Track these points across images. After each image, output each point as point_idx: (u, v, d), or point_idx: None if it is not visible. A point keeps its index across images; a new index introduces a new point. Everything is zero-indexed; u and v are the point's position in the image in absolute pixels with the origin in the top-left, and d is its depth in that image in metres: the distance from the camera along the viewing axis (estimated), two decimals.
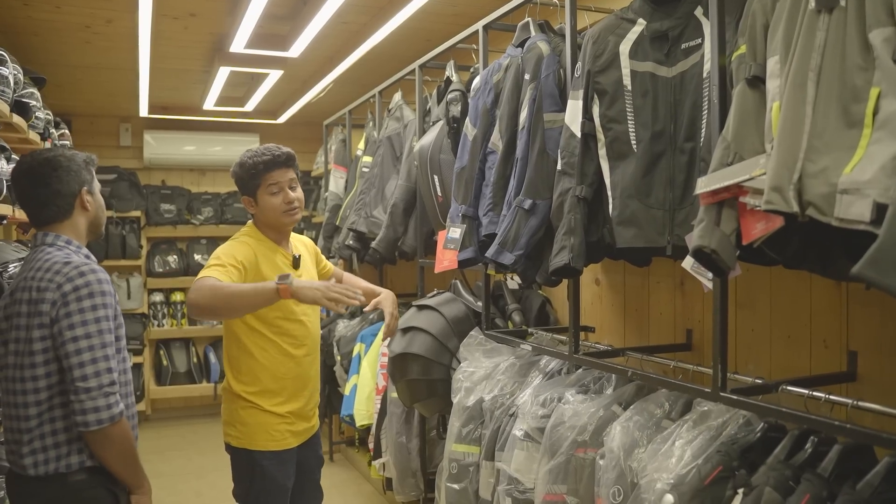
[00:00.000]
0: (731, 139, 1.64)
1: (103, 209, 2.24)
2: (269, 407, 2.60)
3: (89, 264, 2.00)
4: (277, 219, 2.64)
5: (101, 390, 1.93)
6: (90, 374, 1.92)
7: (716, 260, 1.63)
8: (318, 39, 4.05)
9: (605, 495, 2.06)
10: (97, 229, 2.22)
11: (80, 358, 1.92)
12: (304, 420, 2.72)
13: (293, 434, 2.67)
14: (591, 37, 2.27)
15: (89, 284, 1.95)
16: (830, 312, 2.06)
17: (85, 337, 1.93)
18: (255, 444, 2.60)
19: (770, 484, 1.67)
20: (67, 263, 1.97)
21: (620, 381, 2.45)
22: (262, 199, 2.62)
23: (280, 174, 2.62)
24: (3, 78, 2.82)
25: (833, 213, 1.34)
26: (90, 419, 1.92)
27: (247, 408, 2.60)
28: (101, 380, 1.93)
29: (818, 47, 1.44)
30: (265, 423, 2.60)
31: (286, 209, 2.62)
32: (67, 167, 2.09)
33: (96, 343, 1.94)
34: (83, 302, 1.93)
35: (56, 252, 2.03)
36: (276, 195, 2.61)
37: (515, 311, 3.22)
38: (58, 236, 2.08)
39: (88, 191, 2.14)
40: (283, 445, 2.63)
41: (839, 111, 1.40)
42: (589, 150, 2.27)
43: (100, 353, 1.94)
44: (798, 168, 1.41)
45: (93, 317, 1.94)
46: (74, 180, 2.10)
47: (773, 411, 1.75)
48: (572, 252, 2.22)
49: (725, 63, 1.84)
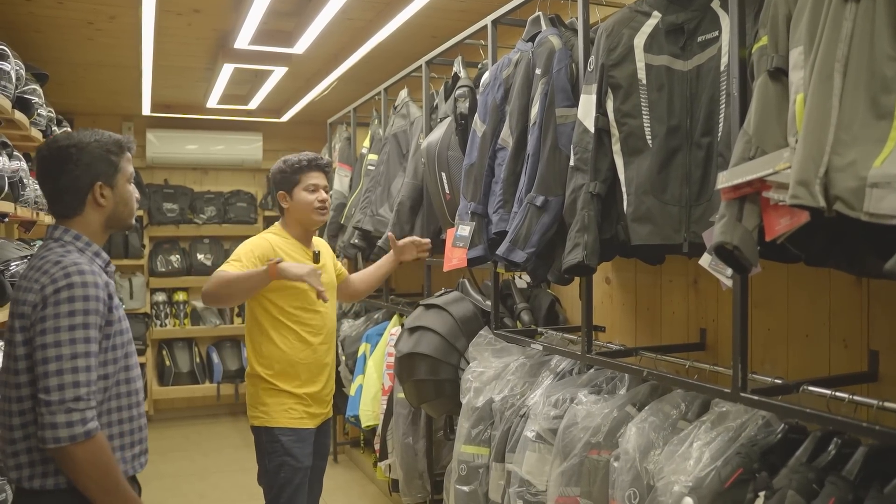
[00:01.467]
0: (753, 133, 1.60)
1: (128, 202, 2.02)
2: (288, 388, 2.84)
3: (79, 265, 1.83)
4: (308, 215, 2.93)
5: (62, 405, 1.73)
6: (53, 387, 1.74)
7: (738, 256, 1.58)
8: (323, 36, 4.01)
9: (621, 498, 2.02)
10: (120, 223, 2.03)
11: (45, 368, 1.75)
12: (320, 404, 2.96)
13: (310, 416, 2.90)
14: (604, 30, 2.23)
15: (71, 287, 1.78)
16: (851, 311, 2.02)
17: (54, 345, 1.75)
18: (275, 422, 2.83)
19: (793, 487, 1.62)
20: (57, 263, 1.82)
21: (633, 381, 2.41)
22: (298, 195, 2.92)
23: (318, 177, 2.95)
24: (5, 73, 2.78)
25: (862, 207, 1.30)
26: (47, 436, 1.74)
27: (267, 389, 2.85)
28: (63, 394, 1.74)
29: (845, 37, 1.39)
30: (284, 403, 2.84)
31: (318, 206, 2.93)
32: (78, 160, 1.91)
33: (65, 353, 1.75)
34: (59, 307, 1.77)
35: (57, 249, 1.89)
36: (312, 193, 2.92)
37: (524, 310, 3.17)
38: (66, 230, 1.94)
39: (106, 184, 1.95)
40: (301, 424, 2.86)
41: (868, 102, 1.35)
42: (602, 145, 2.22)
43: (67, 364, 1.75)
44: (825, 162, 1.36)
45: (67, 324, 1.77)
46: (86, 174, 1.92)
47: (796, 412, 1.70)
48: (586, 249, 2.18)
49: (746, 55, 1.80)
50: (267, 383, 2.87)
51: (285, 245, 2.92)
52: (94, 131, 1.97)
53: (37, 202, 3.49)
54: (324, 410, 3.01)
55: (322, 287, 2.65)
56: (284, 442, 2.82)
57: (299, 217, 2.96)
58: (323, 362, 2.98)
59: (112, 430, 1.91)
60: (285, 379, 2.87)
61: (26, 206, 3.28)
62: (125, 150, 2.01)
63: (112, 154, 1.96)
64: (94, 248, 1.96)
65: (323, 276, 2.85)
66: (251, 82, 5.44)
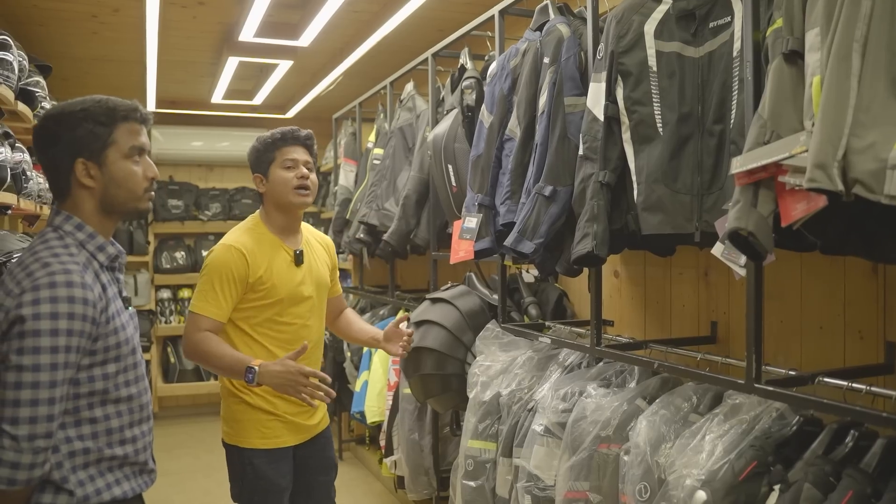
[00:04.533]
0: (768, 117, 1.56)
1: (125, 180, 1.71)
2: (260, 403, 2.48)
3: (69, 274, 1.57)
4: (287, 197, 2.48)
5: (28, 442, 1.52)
6: (23, 419, 1.51)
7: (753, 243, 1.55)
8: (328, 29, 3.98)
9: (631, 492, 1.98)
10: (120, 206, 1.73)
11: (7, 394, 1.52)
12: (303, 418, 2.55)
13: (289, 432, 2.52)
14: (614, 17, 2.19)
15: (55, 301, 1.54)
16: (866, 302, 1.97)
17: (16, 369, 1.53)
18: (245, 442, 2.49)
19: (809, 480, 1.59)
20: (45, 266, 1.58)
21: (643, 374, 2.37)
22: (274, 174, 2.48)
23: (297, 151, 2.51)
24: (7, 63, 2.75)
25: (882, 190, 1.26)
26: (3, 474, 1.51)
27: (239, 404, 2.51)
28: (32, 428, 1.51)
29: (864, 17, 1.36)
30: (256, 421, 2.49)
31: (298, 184, 2.47)
32: (55, 133, 1.66)
33: (26, 380, 1.52)
34: (40, 322, 1.53)
35: (53, 243, 1.65)
36: (289, 170, 2.48)
37: (532, 304, 3.14)
38: (68, 217, 1.69)
39: (92, 161, 1.67)
40: (275, 444, 2.50)
41: (888, 83, 1.32)
42: (612, 133, 2.18)
43: (26, 394, 1.52)
44: (843, 144, 1.33)
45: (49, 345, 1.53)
46: (65, 151, 1.65)
47: (812, 403, 1.66)
48: (595, 239, 2.14)
49: (760, 39, 1.76)
50: (237, 398, 2.51)
51: (259, 248, 2.46)
52: (89, 98, 1.70)
53: (41, 196, 3.46)
54: (310, 422, 2.58)
55: (314, 394, 2.25)
56: (257, 465, 2.47)
57: (277, 201, 2.49)
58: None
59: (115, 451, 1.70)
60: (256, 393, 2.48)
61: (29, 199, 3.25)
62: (119, 119, 1.69)
63: (100, 125, 1.67)
64: (96, 241, 1.70)
65: (306, 275, 2.54)
66: (256, 77, 5.42)
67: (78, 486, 1.63)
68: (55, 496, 1.61)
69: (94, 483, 1.66)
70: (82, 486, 1.63)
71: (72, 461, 1.63)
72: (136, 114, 1.73)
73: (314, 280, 2.59)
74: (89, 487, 1.64)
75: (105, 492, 1.66)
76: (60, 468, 1.61)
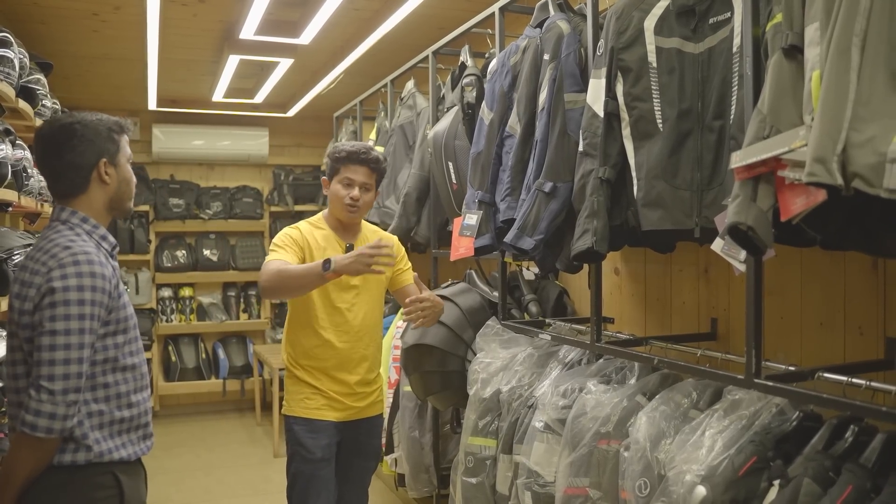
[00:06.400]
0: (768, 112, 1.56)
1: (129, 182, 2.03)
2: (307, 378, 2.73)
3: (88, 254, 1.83)
4: (338, 210, 2.74)
5: (62, 396, 1.75)
6: (58, 376, 1.75)
7: (752, 238, 1.55)
8: (329, 27, 3.98)
9: (631, 488, 1.98)
10: (121, 205, 2.02)
11: (45, 356, 1.75)
12: (349, 398, 2.76)
13: (331, 408, 2.73)
14: (614, 13, 2.20)
15: (80, 276, 1.79)
16: (866, 297, 1.97)
17: (49, 334, 1.76)
18: (290, 410, 2.76)
19: (809, 475, 1.58)
20: (67, 248, 1.82)
21: (643, 370, 2.37)
22: (334, 186, 2.74)
23: (358, 171, 2.71)
24: (8, 60, 2.75)
25: (882, 184, 1.26)
26: (28, 420, 1.74)
27: (290, 377, 2.79)
28: (65, 384, 1.76)
29: (863, 11, 1.35)
30: (301, 391, 2.74)
31: (348, 203, 2.70)
32: (82, 136, 1.90)
33: (59, 342, 1.76)
34: (68, 294, 1.77)
35: (65, 231, 1.88)
36: (345, 187, 2.71)
37: (532, 301, 3.14)
38: (74, 212, 1.93)
39: (110, 162, 1.95)
40: (315, 415, 2.72)
41: (887, 77, 1.31)
42: (612, 129, 2.19)
43: (59, 354, 1.76)
44: (842, 138, 1.32)
45: (77, 312, 1.78)
46: (91, 150, 1.91)
47: (812, 398, 1.66)
48: (595, 235, 2.14)
49: (759, 34, 1.76)
50: (289, 371, 2.79)
51: (317, 235, 2.74)
52: (91, 112, 1.97)
53: (41, 193, 3.46)
54: (358, 404, 2.78)
55: (379, 252, 2.34)
56: (297, 431, 2.72)
57: (332, 208, 2.78)
58: (349, 359, 2.74)
59: (123, 413, 1.91)
60: (304, 369, 2.74)
61: (30, 197, 3.25)
62: (123, 131, 2.02)
63: (114, 132, 1.97)
64: (100, 231, 1.96)
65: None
66: (257, 76, 5.42)
67: (95, 444, 1.85)
68: (75, 452, 1.83)
69: (108, 442, 1.89)
70: (98, 444, 1.86)
71: (90, 421, 1.86)
72: (130, 129, 2.07)
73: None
74: (104, 445, 1.87)
75: (115, 451, 1.90)
76: (81, 426, 1.83)
